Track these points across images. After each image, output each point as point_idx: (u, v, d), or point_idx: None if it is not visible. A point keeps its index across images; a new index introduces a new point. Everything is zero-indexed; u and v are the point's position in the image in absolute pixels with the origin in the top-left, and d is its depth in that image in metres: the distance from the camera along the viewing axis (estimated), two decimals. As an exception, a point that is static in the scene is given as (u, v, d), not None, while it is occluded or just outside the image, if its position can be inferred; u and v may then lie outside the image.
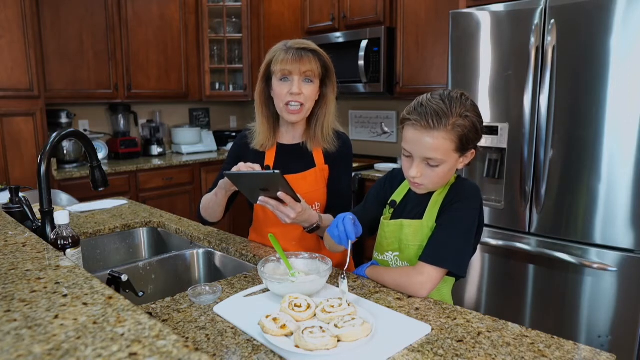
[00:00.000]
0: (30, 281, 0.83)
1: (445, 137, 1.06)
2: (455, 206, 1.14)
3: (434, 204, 1.17)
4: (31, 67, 2.97)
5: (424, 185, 1.14)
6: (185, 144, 4.16)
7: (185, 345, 0.59)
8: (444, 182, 1.15)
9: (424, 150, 1.08)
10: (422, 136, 1.07)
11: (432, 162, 1.09)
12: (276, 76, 1.40)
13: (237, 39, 4.18)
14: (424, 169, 1.11)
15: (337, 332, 0.88)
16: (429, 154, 1.08)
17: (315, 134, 1.47)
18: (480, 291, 2.38)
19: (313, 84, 1.40)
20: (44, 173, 1.29)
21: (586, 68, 1.92)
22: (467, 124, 1.07)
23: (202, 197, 1.55)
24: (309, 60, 1.37)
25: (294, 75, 1.37)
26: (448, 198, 1.16)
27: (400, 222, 1.19)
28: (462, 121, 1.07)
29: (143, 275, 1.50)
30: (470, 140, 1.10)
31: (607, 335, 1.98)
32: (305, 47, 1.39)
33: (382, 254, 1.25)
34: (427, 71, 3.03)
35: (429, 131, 1.06)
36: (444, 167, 1.10)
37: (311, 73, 1.38)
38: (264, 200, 1.24)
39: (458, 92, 1.12)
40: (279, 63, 1.37)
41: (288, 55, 1.36)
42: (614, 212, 1.91)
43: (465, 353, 0.87)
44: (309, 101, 1.41)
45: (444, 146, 1.07)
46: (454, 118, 1.06)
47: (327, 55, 1.44)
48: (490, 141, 2.22)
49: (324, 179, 1.49)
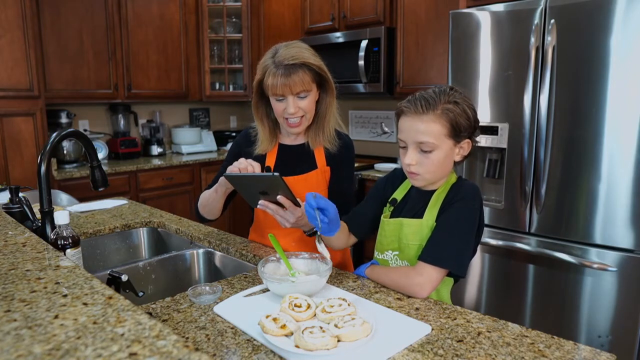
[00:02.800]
0: (30, 281, 0.83)
1: (434, 119, 1.10)
2: (455, 206, 1.14)
3: (434, 203, 1.17)
4: (31, 67, 2.97)
5: (421, 175, 1.15)
6: (185, 144, 4.16)
7: (185, 345, 0.59)
8: (441, 172, 1.16)
9: (416, 134, 1.11)
10: (414, 122, 1.12)
11: (424, 147, 1.11)
12: (268, 93, 1.37)
13: (237, 39, 4.18)
14: (418, 156, 1.13)
15: (337, 332, 0.88)
16: (421, 137, 1.11)
17: (316, 134, 1.46)
18: (480, 291, 2.38)
19: (309, 96, 1.37)
20: (44, 173, 1.29)
21: (586, 68, 1.92)
22: (456, 109, 1.11)
23: (201, 195, 1.54)
24: (299, 78, 1.32)
25: (287, 96, 1.34)
26: (448, 197, 1.16)
27: (400, 221, 1.19)
28: (451, 106, 1.10)
29: (143, 275, 1.50)
30: (462, 126, 1.12)
31: (607, 335, 1.98)
32: (294, 62, 1.32)
33: (382, 252, 1.25)
34: (427, 71, 3.03)
35: (419, 116, 1.11)
36: (438, 154, 1.12)
37: (304, 90, 1.35)
38: (264, 204, 1.23)
39: (450, 85, 1.17)
40: (269, 85, 1.34)
41: (277, 76, 1.32)
42: (614, 212, 1.91)
43: (465, 353, 0.87)
44: (309, 112, 1.40)
45: (434, 129, 1.10)
46: (443, 103, 1.10)
47: (318, 61, 1.38)
48: (490, 141, 2.22)
49: (325, 180, 1.49)
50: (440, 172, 1.16)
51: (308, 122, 1.43)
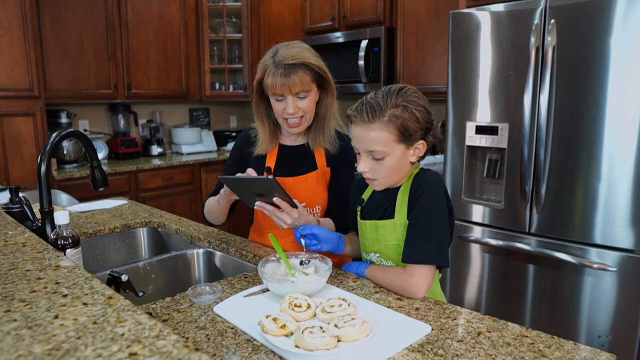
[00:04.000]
0: (30, 281, 0.83)
1: (381, 128, 1.09)
2: (421, 199, 1.13)
3: (401, 201, 1.17)
4: (31, 67, 2.97)
5: (377, 181, 1.16)
6: (185, 144, 4.16)
7: (185, 345, 0.59)
8: (397, 175, 1.16)
9: (365, 143, 1.12)
10: (362, 131, 1.12)
11: (376, 155, 1.12)
12: (268, 93, 1.37)
13: (237, 39, 4.18)
14: (371, 164, 1.14)
15: (337, 332, 0.88)
16: (370, 146, 1.11)
17: (316, 134, 1.46)
18: (480, 291, 2.38)
19: (309, 96, 1.37)
20: (44, 173, 1.29)
21: (586, 68, 1.92)
22: (404, 115, 1.09)
23: (207, 198, 1.55)
24: (299, 78, 1.32)
25: (287, 96, 1.34)
26: (412, 192, 1.16)
27: (375, 223, 1.20)
28: (399, 111, 1.09)
29: (143, 275, 1.50)
30: (412, 130, 1.11)
31: (607, 335, 1.98)
32: (294, 62, 1.31)
33: (368, 254, 1.27)
34: (427, 71, 3.03)
35: (366, 124, 1.11)
36: (390, 160, 1.12)
37: (303, 91, 1.34)
38: (261, 205, 1.25)
39: (401, 85, 1.15)
40: (269, 84, 1.34)
41: (276, 76, 1.31)
42: (614, 212, 1.91)
43: (465, 353, 0.87)
44: (308, 112, 1.40)
45: (382, 138, 1.10)
46: (390, 108, 1.09)
47: (319, 61, 1.37)
48: (490, 141, 2.22)
49: (325, 181, 1.49)
50: (397, 176, 1.17)
51: (308, 122, 1.42)
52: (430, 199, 1.13)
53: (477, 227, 2.33)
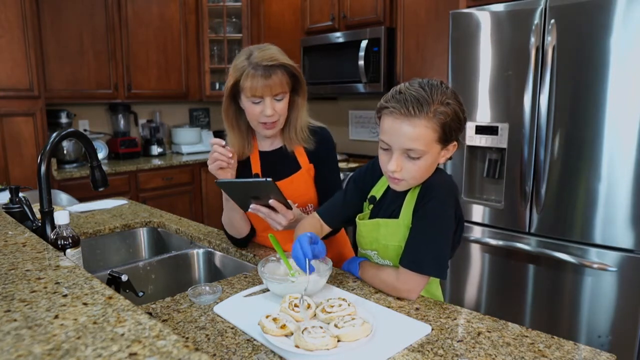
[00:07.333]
0: (30, 281, 0.83)
1: (427, 125, 0.99)
2: (429, 205, 1.07)
3: (409, 201, 1.12)
4: (31, 67, 2.97)
5: (405, 181, 1.06)
6: (185, 144, 4.16)
7: (185, 345, 0.59)
8: (425, 176, 1.08)
9: (404, 140, 1.01)
10: (402, 125, 1.00)
11: (412, 154, 1.02)
12: (246, 95, 1.34)
13: (237, 39, 4.18)
14: (403, 162, 1.04)
15: (337, 332, 0.88)
16: (410, 144, 1.01)
17: (289, 136, 1.44)
18: (480, 291, 2.38)
19: (284, 98, 1.36)
20: (44, 173, 1.29)
21: (586, 68, 1.92)
22: (449, 112, 1.01)
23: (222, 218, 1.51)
24: (278, 79, 1.31)
25: (265, 98, 1.32)
26: (421, 194, 1.09)
27: (377, 222, 1.16)
28: (444, 108, 1.00)
29: (143, 275, 1.50)
30: (453, 130, 1.03)
31: (607, 335, 1.98)
32: (273, 63, 1.29)
33: (365, 249, 1.24)
34: (427, 71, 3.03)
35: (409, 119, 0.99)
36: (425, 160, 1.03)
37: (282, 92, 1.34)
38: (255, 208, 1.24)
39: (437, 80, 1.06)
40: (247, 85, 1.31)
41: (256, 77, 1.30)
42: (614, 212, 1.91)
43: (465, 353, 0.87)
44: (283, 115, 1.38)
45: (425, 135, 1.00)
46: (436, 105, 0.99)
47: (294, 63, 1.36)
48: (490, 141, 2.22)
49: (312, 178, 1.48)
50: (424, 177, 1.09)
51: (281, 124, 1.41)
52: (439, 207, 1.07)
53: (477, 227, 2.33)
